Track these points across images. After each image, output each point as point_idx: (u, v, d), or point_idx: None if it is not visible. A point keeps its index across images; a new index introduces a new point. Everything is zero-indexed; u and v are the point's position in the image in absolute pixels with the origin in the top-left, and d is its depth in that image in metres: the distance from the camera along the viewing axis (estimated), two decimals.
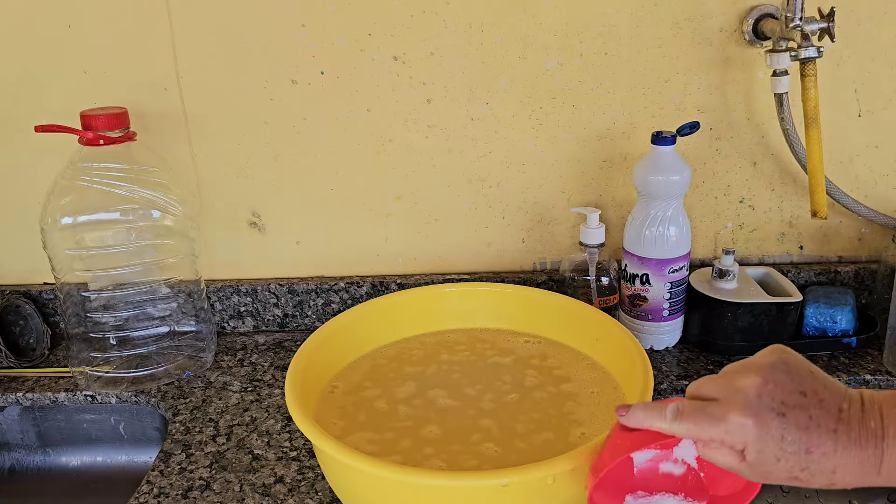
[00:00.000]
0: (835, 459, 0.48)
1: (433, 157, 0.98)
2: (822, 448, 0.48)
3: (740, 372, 0.51)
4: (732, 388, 0.50)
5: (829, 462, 0.48)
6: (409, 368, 0.81)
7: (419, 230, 1.01)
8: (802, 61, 0.83)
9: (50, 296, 1.02)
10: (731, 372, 0.52)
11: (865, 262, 1.03)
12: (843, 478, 0.48)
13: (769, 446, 0.48)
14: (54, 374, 0.95)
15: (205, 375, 0.94)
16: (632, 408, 0.54)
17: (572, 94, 0.95)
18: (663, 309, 0.92)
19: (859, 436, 0.48)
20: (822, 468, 0.48)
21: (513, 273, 1.03)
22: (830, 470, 0.48)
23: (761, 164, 0.98)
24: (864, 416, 0.48)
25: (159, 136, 0.96)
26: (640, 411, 0.53)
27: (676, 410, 0.51)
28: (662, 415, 0.52)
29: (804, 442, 0.48)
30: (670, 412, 0.52)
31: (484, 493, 0.59)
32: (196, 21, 0.91)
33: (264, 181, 0.99)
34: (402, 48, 0.92)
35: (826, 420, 0.48)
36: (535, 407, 0.75)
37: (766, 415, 0.48)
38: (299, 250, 1.02)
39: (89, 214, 0.87)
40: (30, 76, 0.94)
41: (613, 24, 0.92)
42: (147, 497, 0.74)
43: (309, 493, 0.74)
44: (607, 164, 0.98)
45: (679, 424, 0.51)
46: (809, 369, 0.51)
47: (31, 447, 0.97)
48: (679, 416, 0.51)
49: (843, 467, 0.48)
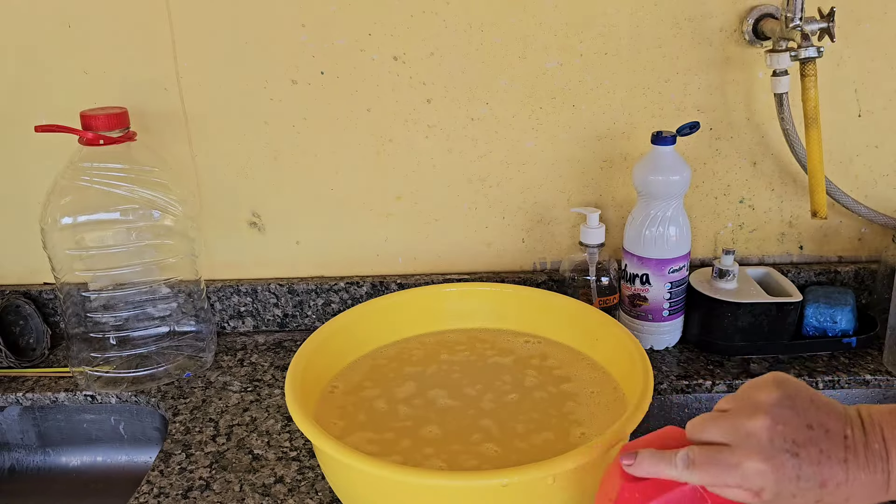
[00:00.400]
0: (847, 488, 0.49)
1: (433, 157, 0.98)
2: (836, 479, 0.48)
3: (745, 412, 0.51)
4: (742, 432, 0.50)
5: (843, 492, 0.49)
6: (409, 368, 0.81)
7: (419, 230, 1.01)
8: (802, 61, 0.83)
9: (50, 296, 1.02)
10: (735, 412, 0.51)
11: (865, 262, 1.03)
12: (856, 503, 0.49)
13: (786, 487, 0.49)
14: (54, 374, 0.95)
15: (205, 375, 0.94)
16: (638, 456, 0.53)
17: (572, 94, 0.95)
18: (663, 309, 0.92)
19: (867, 461, 0.49)
20: (836, 498, 0.49)
21: (513, 273, 1.03)
22: (844, 498, 0.49)
23: (761, 164, 0.98)
24: (867, 439, 0.49)
25: (159, 136, 0.96)
26: (648, 460, 0.53)
27: (687, 459, 0.51)
28: (672, 463, 0.51)
29: (818, 476, 0.48)
30: (681, 461, 0.51)
31: (484, 493, 0.59)
32: (196, 21, 0.91)
33: (264, 181, 0.99)
34: (402, 48, 0.92)
35: (835, 451, 0.49)
36: (535, 407, 0.74)
37: (780, 457, 0.49)
38: (299, 250, 1.02)
39: (89, 214, 0.87)
40: (30, 76, 0.94)
41: (613, 24, 0.92)
42: (147, 497, 0.74)
43: (309, 493, 0.74)
44: (607, 164, 0.98)
45: (691, 474, 0.51)
46: (810, 398, 0.51)
47: (31, 447, 0.97)
48: (691, 465, 0.51)
49: (855, 494, 0.49)
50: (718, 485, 0.50)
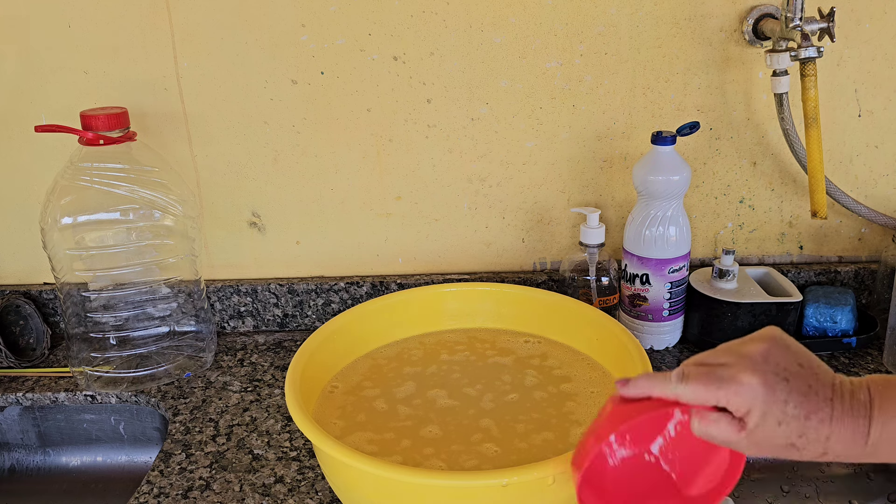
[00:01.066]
0: (829, 427, 0.50)
1: (433, 157, 0.98)
2: (820, 414, 0.50)
3: (743, 342, 0.53)
4: (738, 353, 0.52)
5: (825, 429, 0.50)
6: (408, 368, 0.81)
7: (419, 230, 1.01)
8: (802, 61, 0.83)
9: (50, 296, 1.02)
10: (734, 343, 0.53)
11: (865, 262, 1.03)
12: (835, 447, 0.50)
13: (773, 409, 0.50)
14: (54, 374, 0.95)
15: (205, 375, 0.94)
16: (633, 377, 0.54)
17: (572, 94, 0.95)
18: (663, 309, 0.92)
19: (851, 407, 0.50)
20: (818, 435, 0.50)
21: (513, 273, 1.03)
22: (825, 437, 0.50)
23: (761, 164, 0.98)
24: (853, 389, 0.51)
25: (159, 136, 0.96)
26: (643, 379, 0.54)
27: (682, 374, 0.52)
28: (667, 378, 0.52)
29: (804, 407, 0.50)
30: (675, 376, 0.52)
31: (484, 493, 0.59)
32: (196, 21, 0.91)
33: (264, 181, 0.99)
34: (402, 48, 0.92)
35: (823, 390, 0.51)
36: (535, 407, 0.75)
37: (772, 378, 0.50)
38: (299, 250, 1.02)
39: (89, 214, 0.87)
40: (30, 76, 0.94)
41: (613, 24, 0.92)
42: (147, 497, 0.74)
43: (309, 493, 0.74)
44: (607, 164, 0.98)
45: (685, 387, 0.51)
46: (803, 349, 0.53)
47: (31, 447, 0.97)
48: (685, 379, 0.52)
49: (836, 435, 0.50)
50: (709, 402, 0.51)
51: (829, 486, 0.87)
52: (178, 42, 0.92)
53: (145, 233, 0.89)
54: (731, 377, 0.50)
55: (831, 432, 0.50)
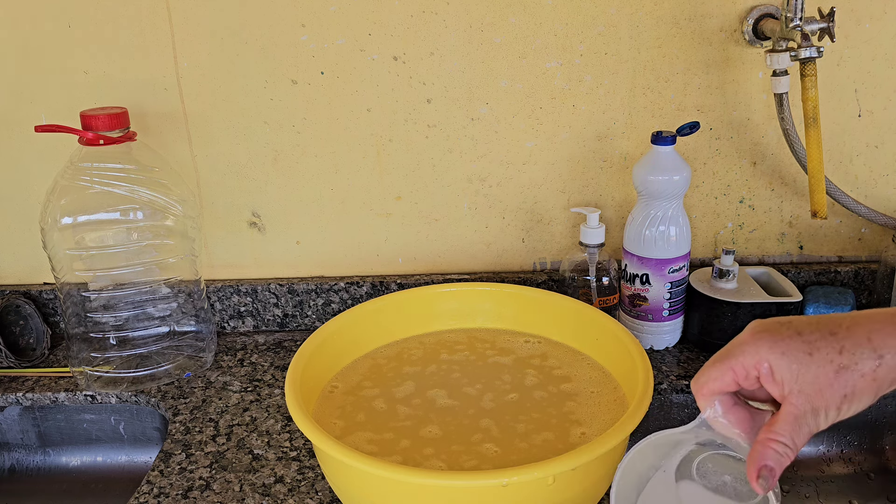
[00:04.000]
0: (864, 323, 0.44)
1: (433, 157, 0.98)
2: (844, 322, 0.45)
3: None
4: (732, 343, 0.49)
5: (862, 329, 0.44)
6: (408, 368, 0.81)
7: (419, 230, 1.01)
8: (802, 61, 0.83)
9: (50, 296, 1.03)
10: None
11: (865, 262, 1.03)
12: (885, 341, 0.44)
13: (791, 347, 0.45)
14: (54, 374, 0.95)
15: (205, 375, 0.94)
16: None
17: (572, 94, 0.95)
18: (663, 309, 0.92)
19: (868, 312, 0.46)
20: (858, 338, 0.44)
21: (513, 273, 1.03)
22: (866, 337, 0.44)
23: (761, 164, 0.98)
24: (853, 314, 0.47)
25: (159, 136, 0.96)
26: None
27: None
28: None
29: (822, 326, 0.45)
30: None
31: (484, 493, 0.59)
32: (196, 21, 0.91)
33: (264, 181, 0.99)
34: (402, 48, 0.93)
35: (827, 316, 0.47)
36: (535, 407, 0.75)
37: (771, 324, 0.47)
38: (299, 250, 1.03)
39: (89, 214, 0.87)
40: (30, 76, 0.94)
41: (613, 24, 0.92)
42: (147, 497, 0.74)
43: (309, 493, 0.74)
44: (607, 164, 0.98)
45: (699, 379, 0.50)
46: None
47: (31, 447, 0.97)
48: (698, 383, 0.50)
49: (877, 331, 0.44)
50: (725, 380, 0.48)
51: (829, 486, 0.87)
52: (178, 42, 0.92)
53: (145, 233, 0.89)
54: (730, 346, 0.48)
55: (871, 329, 0.44)
